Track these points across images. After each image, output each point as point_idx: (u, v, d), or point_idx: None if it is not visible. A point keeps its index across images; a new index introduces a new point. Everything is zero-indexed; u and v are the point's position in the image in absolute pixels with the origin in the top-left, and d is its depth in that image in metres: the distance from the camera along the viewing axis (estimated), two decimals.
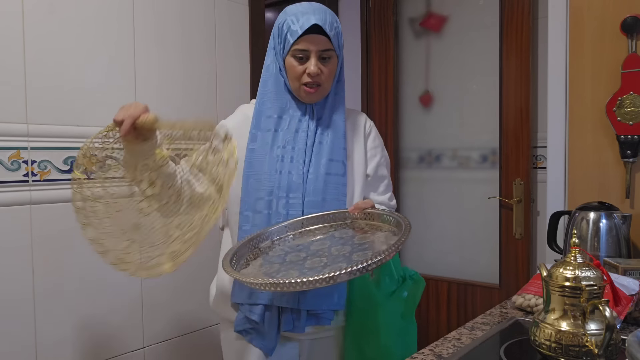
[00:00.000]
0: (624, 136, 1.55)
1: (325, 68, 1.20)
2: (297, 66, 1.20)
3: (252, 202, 1.20)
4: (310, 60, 1.19)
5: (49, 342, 1.54)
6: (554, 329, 0.92)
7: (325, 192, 1.21)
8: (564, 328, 0.92)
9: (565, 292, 0.92)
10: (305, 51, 1.18)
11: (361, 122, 1.39)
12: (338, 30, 1.22)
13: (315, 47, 1.18)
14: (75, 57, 1.58)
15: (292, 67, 1.20)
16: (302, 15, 1.18)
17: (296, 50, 1.19)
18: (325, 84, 1.23)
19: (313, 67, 1.18)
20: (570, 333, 0.91)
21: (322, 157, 1.22)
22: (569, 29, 1.69)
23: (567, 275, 0.93)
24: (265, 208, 1.20)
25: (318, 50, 1.18)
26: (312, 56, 1.18)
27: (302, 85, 1.21)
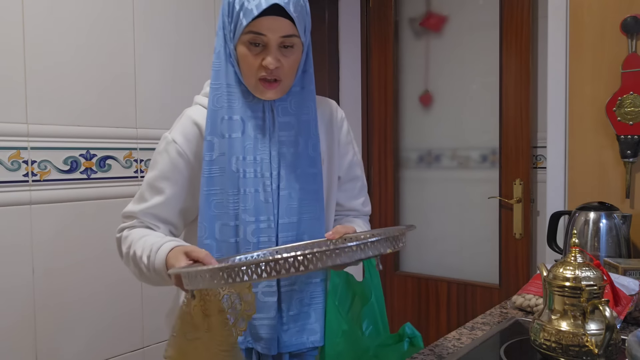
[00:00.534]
0: (624, 136, 1.55)
1: (287, 59, 0.98)
2: (252, 57, 0.97)
3: (216, 229, 1.00)
4: (268, 50, 0.96)
5: (49, 342, 1.54)
6: (554, 329, 0.92)
7: (301, 210, 1.02)
8: (564, 328, 0.91)
9: (565, 292, 0.92)
10: (262, 36, 0.95)
11: (332, 114, 1.16)
12: (305, 9, 0.99)
13: (275, 34, 0.94)
14: (75, 57, 1.58)
15: (246, 57, 0.97)
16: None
17: (251, 35, 0.95)
18: (286, 79, 1.00)
19: (271, 59, 0.95)
20: (570, 333, 0.91)
21: (296, 168, 1.03)
22: (569, 29, 1.69)
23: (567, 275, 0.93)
24: (232, 236, 1.00)
25: (279, 37, 0.95)
26: (271, 44, 0.95)
27: (258, 81, 0.98)
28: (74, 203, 1.59)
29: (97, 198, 1.64)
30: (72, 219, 1.59)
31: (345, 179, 1.18)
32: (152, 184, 1.05)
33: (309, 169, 1.04)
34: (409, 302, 2.53)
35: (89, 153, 1.62)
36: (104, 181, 1.66)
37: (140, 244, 1.00)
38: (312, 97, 1.06)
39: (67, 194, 1.58)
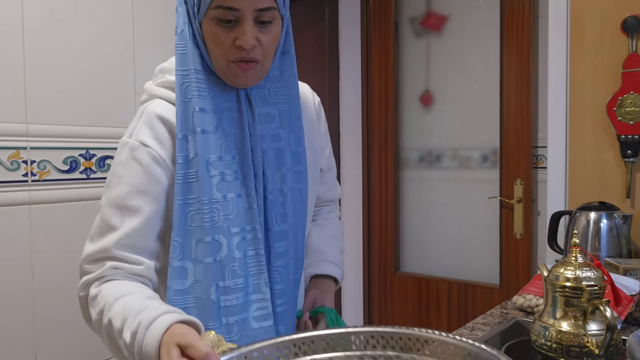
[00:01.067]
0: (624, 136, 1.55)
1: (265, 36, 0.81)
2: (223, 34, 0.80)
3: (193, 247, 0.82)
4: (242, 26, 0.79)
5: (49, 342, 1.53)
6: (555, 330, 0.92)
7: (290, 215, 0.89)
8: (564, 328, 0.91)
9: (566, 292, 0.92)
10: (235, 11, 0.78)
11: (309, 100, 1.01)
12: None
13: (250, 6, 0.78)
14: (75, 56, 1.58)
15: (215, 36, 0.80)
16: None
17: (220, 10, 0.78)
18: (265, 60, 0.83)
19: (248, 35, 0.78)
20: (570, 333, 0.90)
21: (280, 167, 0.89)
22: (570, 29, 1.68)
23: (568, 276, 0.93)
24: (210, 254, 0.82)
25: (254, 10, 0.79)
26: (246, 19, 0.78)
27: (230, 63, 0.82)
28: (74, 203, 1.59)
29: (96, 198, 1.64)
30: (72, 219, 1.58)
31: (325, 171, 1.07)
32: (122, 204, 0.82)
33: (294, 167, 0.90)
34: (409, 302, 2.53)
35: (89, 153, 1.62)
36: (103, 181, 1.65)
37: (117, 308, 0.75)
38: (294, 83, 0.91)
39: (67, 194, 1.57)
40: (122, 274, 0.82)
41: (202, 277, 0.82)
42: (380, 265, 2.62)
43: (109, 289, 0.80)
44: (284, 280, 0.90)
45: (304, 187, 0.92)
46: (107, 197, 0.84)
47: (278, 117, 0.89)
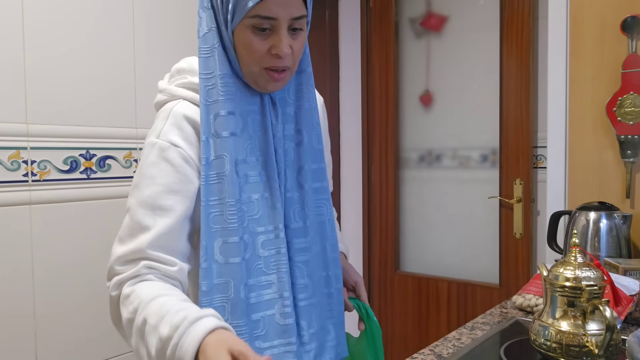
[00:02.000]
0: (624, 136, 1.55)
1: (296, 43, 0.83)
2: (258, 42, 0.80)
3: (215, 249, 0.82)
4: (278, 35, 0.80)
5: (49, 342, 1.54)
6: (555, 329, 0.92)
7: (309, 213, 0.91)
8: (564, 328, 0.91)
9: (566, 292, 0.92)
10: (272, 20, 0.79)
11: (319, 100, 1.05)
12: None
13: (286, 15, 0.79)
14: (75, 56, 1.58)
15: (250, 44, 0.81)
16: None
17: (257, 18, 0.79)
18: (294, 66, 0.86)
19: (284, 44, 0.80)
20: (570, 333, 0.91)
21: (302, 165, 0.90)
22: (569, 29, 1.68)
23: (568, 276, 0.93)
24: (237, 254, 0.83)
25: (290, 19, 0.80)
26: (282, 27, 0.80)
27: (262, 70, 0.83)
28: (74, 203, 1.59)
29: (97, 198, 1.64)
30: (72, 219, 1.58)
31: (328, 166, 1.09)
32: (155, 204, 0.81)
33: (313, 165, 0.91)
34: (409, 302, 2.53)
35: (89, 153, 1.62)
36: (103, 181, 1.66)
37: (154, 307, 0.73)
38: (311, 81, 0.92)
39: (67, 194, 1.57)
40: (157, 275, 0.81)
41: (229, 277, 0.83)
42: (381, 265, 2.63)
43: (143, 288, 0.79)
44: (305, 276, 0.90)
45: (326, 184, 0.93)
46: (137, 197, 0.83)
47: (298, 116, 0.91)
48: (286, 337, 0.86)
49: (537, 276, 1.34)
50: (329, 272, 0.94)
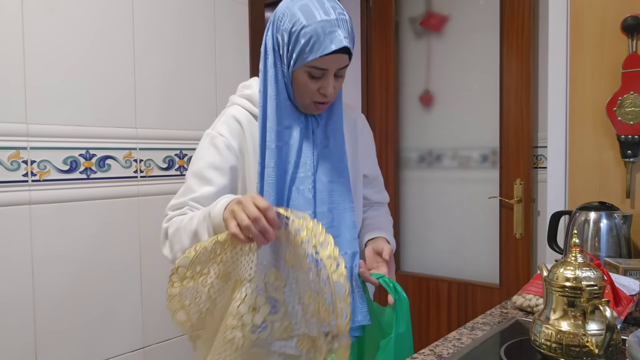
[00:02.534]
0: (624, 136, 1.55)
1: (338, 83, 1.08)
2: (311, 84, 1.05)
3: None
4: (326, 80, 1.04)
5: (49, 342, 1.54)
6: (555, 329, 0.92)
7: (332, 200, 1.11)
8: (564, 328, 0.91)
9: (566, 292, 0.92)
10: (324, 70, 1.03)
11: (356, 120, 1.28)
12: (353, 32, 1.09)
13: (336, 66, 1.03)
14: (75, 56, 1.58)
15: (304, 84, 1.05)
16: (328, 32, 0.99)
17: (314, 68, 1.02)
18: (334, 98, 1.11)
19: (330, 87, 1.05)
20: (570, 333, 0.90)
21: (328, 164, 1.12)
22: (569, 29, 1.68)
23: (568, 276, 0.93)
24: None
25: (337, 69, 1.05)
26: (330, 75, 1.04)
27: (311, 102, 1.08)
28: (74, 203, 1.59)
29: (96, 198, 1.64)
30: (72, 219, 1.58)
31: (371, 177, 1.30)
32: (200, 174, 1.07)
33: (338, 164, 1.13)
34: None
35: (89, 153, 1.62)
36: (103, 181, 1.65)
37: (194, 215, 1.02)
38: (340, 101, 1.16)
39: (67, 194, 1.57)
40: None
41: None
42: None
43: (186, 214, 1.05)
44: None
45: (347, 179, 1.13)
46: (190, 170, 1.10)
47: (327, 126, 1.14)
48: None
49: (537, 276, 1.34)
50: (347, 250, 1.11)
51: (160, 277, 1.81)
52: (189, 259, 0.90)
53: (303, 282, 0.92)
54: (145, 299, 1.77)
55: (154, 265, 1.78)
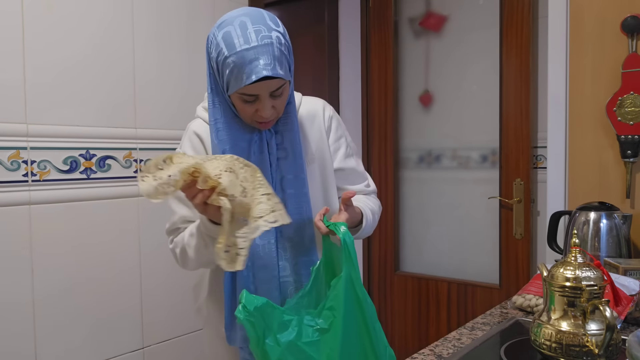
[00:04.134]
0: (624, 136, 1.55)
1: (278, 101, 1.06)
2: (247, 108, 1.04)
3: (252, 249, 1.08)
4: (261, 102, 1.03)
5: (49, 342, 1.53)
6: (554, 329, 0.92)
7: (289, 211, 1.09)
8: (564, 328, 0.91)
9: (566, 292, 0.92)
10: (255, 96, 1.02)
11: (319, 114, 1.24)
12: (287, 51, 1.03)
13: (266, 92, 1.01)
14: (75, 57, 1.58)
15: (241, 108, 1.05)
16: (248, 61, 0.97)
17: (243, 95, 1.02)
18: (278, 115, 1.09)
19: (266, 110, 1.03)
20: (570, 333, 0.91)
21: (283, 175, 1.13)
22: (569, 29, 1.68)
23: (568, 276, 0.93)
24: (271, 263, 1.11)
25: (270, 92, 1.02)
26: (264, 98, 1.02)
27: (253, 121, 1.08)
28: (74, 203, 1.59)
29: (96, 198, 1.64)
30: (72, 219, 1.58)
31: (346, 170, 1.26)
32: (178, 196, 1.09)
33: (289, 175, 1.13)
34: (409, 302, 2.53)
35: (89, 153, 1.62)
36: (103, 181, 1.65)
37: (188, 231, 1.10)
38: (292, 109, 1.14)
39: (67, 194, 1.57)
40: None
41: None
42: (380, 265, 2.63)
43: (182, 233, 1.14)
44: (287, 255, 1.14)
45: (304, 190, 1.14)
46: None
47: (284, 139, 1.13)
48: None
49: (537, 276, 1.34)
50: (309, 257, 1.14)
51: (160, 277, 1.81)
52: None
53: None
54: (145, 299, 1.77)
55: (154, 266, 1.78)
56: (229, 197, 0.89)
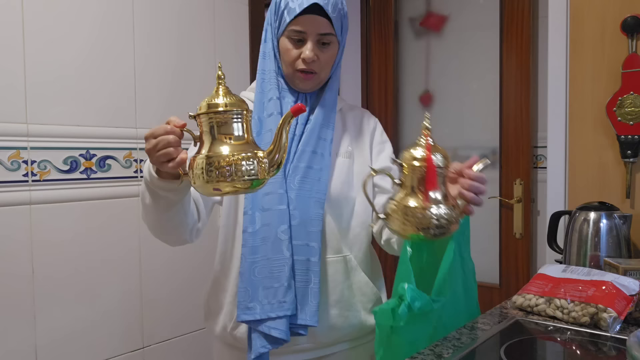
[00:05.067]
0: (624, 136, 1.55)
1: (323, 54, 1.08)
2: (292, 49, 1.07)
3: (259, 200, 1.05)
4: (306, 45, 1.06)
5: (49, 342, 1.54)
6: (402, 205, 0.94)
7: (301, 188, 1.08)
8: (411, 204, 0.94)
9: (413, 170, 0.94)
10: (302, 33, 1.05)
11: (364, 119, 1.26)
12: (343, 12, 1.11)
13: (313, 30, 1.05)
14: (75, 56, 1.58)
15: (286, 50, 1.08)
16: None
17: (292, 31, 1.05)
18: (322, 72, 1.10)
19: (309, 51, 1.05)
20: (411, 208, 0.93)
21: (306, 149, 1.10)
22: (569, 29, 1.68)
23: (417, 155, 0.95)
24: (277, 204, 1.05)
25: (317, 34, 1.05)
26: (310, 40, 1.06)
27: (295, 72, 1.08)
28: (74, 203, 1.59)
29: (97, 198, 1.64)
30: (72, 219, 1.58)
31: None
32: None
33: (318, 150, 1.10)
34: None
35: (89, 153, 1.62)
36: (103, 181, 1.65)
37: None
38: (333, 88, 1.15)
39: (67, 194, 1.57)
40: None
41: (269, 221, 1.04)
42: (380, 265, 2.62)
43: None
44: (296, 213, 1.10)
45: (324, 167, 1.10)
46: None
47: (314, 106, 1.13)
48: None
49: (537, 276, 1.34)
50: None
51: (160, 277, 1.81)
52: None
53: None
54: (145, 299, 1.77)
55: (154, 266, 1.79)
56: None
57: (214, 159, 0.79)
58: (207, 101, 0.85)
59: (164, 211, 0.98)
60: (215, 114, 0.82)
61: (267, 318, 1.02)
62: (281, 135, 0.84)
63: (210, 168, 0.79)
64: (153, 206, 0.97)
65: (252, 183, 0.81)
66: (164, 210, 0.98)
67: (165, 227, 1.03)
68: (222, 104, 0.83)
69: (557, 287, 1.24)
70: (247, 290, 1.04)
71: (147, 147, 0.86)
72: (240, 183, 0.80)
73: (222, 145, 0.81)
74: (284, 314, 1.02)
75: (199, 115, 0.85)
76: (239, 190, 0.81)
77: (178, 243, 1.09)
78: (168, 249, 1.19)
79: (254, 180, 0.81)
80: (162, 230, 1.05)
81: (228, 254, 1.14)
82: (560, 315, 1.18)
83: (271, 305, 1.02)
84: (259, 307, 1.02)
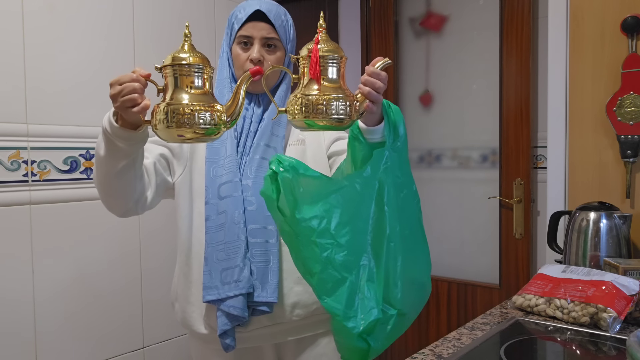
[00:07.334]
0: (624, 136, 1.55)
1: (269, 56, 1.20)
2: (242, 54, 1.20)
3: (216, 189, 1.15)
4: (253, 47, 1.19)
5: (49, 342, 1.54)
6: (298, 95, 0.92)
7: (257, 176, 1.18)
8: (304, 93, 0.92)
9: (304, 62, 0.94)
10: (249, 37, 1.18)
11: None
12: (286, 24, 1.23)
13: (258, 34, 1.18)
14: (75, 57, 1.58)
15: (237, 55, 1.20)
16: (249, 4, 1.20)
17: (240, 37, 1.19)
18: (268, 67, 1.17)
19: (255, 52, 1.17)
20: (305, 97, 0.91)
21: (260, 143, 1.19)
22: (569, 29, 1.68)
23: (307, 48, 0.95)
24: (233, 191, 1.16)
25: (262, 37, 1.18)
26: (256, 42, 1.18)
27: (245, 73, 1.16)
28: (74, 203, 1.59)
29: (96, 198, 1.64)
30: (72, 218, 1.58)
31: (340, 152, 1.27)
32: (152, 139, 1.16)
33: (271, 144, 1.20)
34: None
35: (89, 153, 1.62)
36: None
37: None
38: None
39: (67, 194, 1.57)
40: None
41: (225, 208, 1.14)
42: None
43: None
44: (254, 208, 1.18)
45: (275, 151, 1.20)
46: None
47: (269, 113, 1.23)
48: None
49: (537, 276, 1.34)
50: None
51: (160, 277, 1.81)
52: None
53: None
54: (145, 299, 1.77)
55: (154, 266, 1.78)
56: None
57: (176, 106, 0.86)
58: (172, 55, 0.92)
59: (115, 164, 1.03)
60: (180, 66, 0.90)
61: (226, 297, 1.11)
62: (238, 91, 0.93)
63: (173, 114, 0.85)
64: (106, 159, 1.02)
65: (209, 129, 0.87)
66: (115, 163, 1.03)
67: (114, 185, 1.08)
68: (186, 58, 0.91)
69: (557, 287, 1.24)
70: (211, 273, 1.13)
71: (112, 92, 0.95)
72: (199, 129, 0.86)
73: (185, 94, 0.88)
74: (239, 292, 1.11)
75: (164, 66, 0.92)
76: (198, 137, 0.87)
77: (124, 210, 1.14)
78: (168, 249, 1.19)
79: (211, 127, 0.87)
80: (110, 189, 1.10)
81: (187, 243, 1.21)
82: (560, 315, 1.18)
83: (229, 285, 1.11)
84: (220, 287, 1.12)
